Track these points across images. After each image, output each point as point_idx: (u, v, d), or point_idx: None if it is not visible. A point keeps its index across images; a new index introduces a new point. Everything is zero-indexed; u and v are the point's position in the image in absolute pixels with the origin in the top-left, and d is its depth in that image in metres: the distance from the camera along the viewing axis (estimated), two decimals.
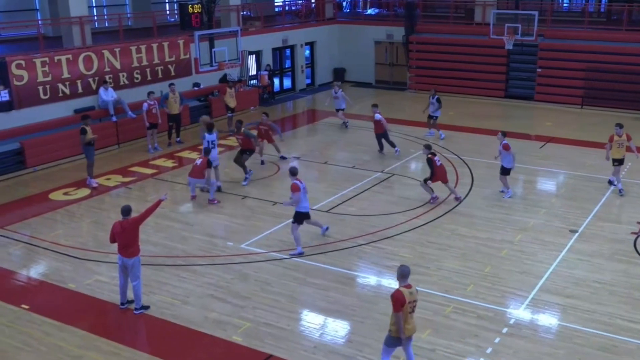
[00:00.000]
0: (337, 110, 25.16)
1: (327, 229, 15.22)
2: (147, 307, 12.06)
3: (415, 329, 9.64)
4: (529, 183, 18.88)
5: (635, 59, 26.98)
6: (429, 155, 16.83)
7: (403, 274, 9.43)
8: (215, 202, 17.28)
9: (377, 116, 21.10)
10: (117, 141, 22.51)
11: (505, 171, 17.47)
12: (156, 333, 11.46)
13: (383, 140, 21.35)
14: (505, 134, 17.67)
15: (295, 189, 14.02)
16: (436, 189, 17.07)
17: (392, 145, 21.30)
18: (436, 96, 22.89)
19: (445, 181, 17.11)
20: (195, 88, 26.70)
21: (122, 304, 12.17)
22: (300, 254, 14.15)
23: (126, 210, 11.89)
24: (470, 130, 24.36)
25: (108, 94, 21.93)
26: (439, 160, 17.08)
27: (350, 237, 15.01)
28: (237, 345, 10.96)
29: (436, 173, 16.79)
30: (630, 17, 28.90)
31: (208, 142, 18.08)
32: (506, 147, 17.23)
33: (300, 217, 14.23)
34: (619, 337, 10.99)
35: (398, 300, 9.16)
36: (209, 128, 18.38)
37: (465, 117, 26.33)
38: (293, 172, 14.43)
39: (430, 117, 23.23)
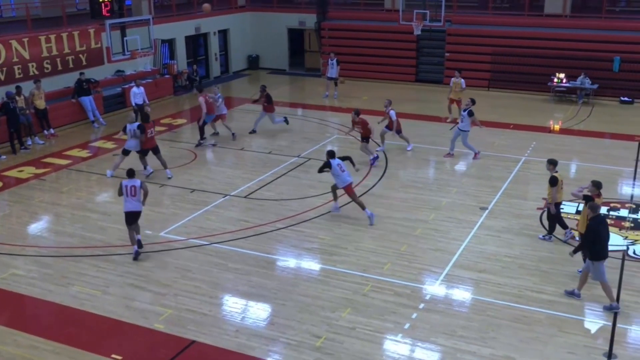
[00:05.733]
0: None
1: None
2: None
3: None
4: (441, 164, 19.22)
5: (536, 43, 27.86)
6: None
7: None
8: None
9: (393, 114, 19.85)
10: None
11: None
12: (77, 325, 11.08)
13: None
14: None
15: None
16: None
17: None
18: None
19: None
20: (119, 75, 26.09)
21: None
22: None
23: None
24: (383, 114, 24.52)
25: None
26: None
27: (269, 221, 14.92)
28: (160, 332, 10.75)
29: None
30: (531, 2, 29.77)
31: None
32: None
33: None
34: (528, 308, 11.34)
35: None
36: None
37: (379, 101, 26.48)
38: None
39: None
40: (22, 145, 20.49)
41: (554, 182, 13.45)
